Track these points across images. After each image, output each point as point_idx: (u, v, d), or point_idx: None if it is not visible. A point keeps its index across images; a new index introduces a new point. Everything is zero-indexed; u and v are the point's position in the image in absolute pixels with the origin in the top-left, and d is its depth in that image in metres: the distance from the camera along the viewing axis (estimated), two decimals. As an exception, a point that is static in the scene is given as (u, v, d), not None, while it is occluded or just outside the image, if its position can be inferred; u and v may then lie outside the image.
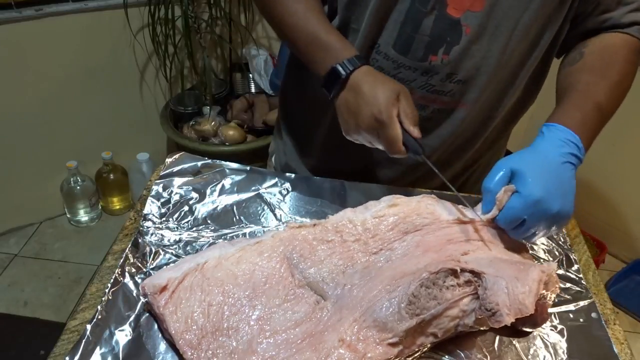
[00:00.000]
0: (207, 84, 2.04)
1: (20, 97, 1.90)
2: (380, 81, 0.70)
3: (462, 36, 0.75)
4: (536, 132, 0.74)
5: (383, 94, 0.68)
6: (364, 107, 0.69)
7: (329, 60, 0.72)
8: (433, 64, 0.77)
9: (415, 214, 0.72)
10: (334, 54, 0.72)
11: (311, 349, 0.58)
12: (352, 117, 0.71)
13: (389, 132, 0.68)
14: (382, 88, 0.69)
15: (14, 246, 2.08)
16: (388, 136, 0.68)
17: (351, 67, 0.71)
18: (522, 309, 0.58)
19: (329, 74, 0.72)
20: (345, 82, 0.71)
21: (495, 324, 0.59)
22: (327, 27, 0.75)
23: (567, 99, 0.76)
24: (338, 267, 0.66)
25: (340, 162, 0.94)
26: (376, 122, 0.68)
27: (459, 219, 0.71)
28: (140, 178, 2.13)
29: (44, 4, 1.79)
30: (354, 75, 0.71)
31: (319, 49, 0.73)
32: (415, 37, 0.75)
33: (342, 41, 0.74)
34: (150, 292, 0.62)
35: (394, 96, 0.69)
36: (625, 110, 0.83)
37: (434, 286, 0.61)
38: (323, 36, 0.73)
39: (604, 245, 2.11)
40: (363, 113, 0.69)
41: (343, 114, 0.73)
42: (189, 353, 0.57)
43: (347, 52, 0.72)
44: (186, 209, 0.80)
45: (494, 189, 0.67)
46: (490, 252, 0.68)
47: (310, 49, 0.75)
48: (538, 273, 0.61)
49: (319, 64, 0.73)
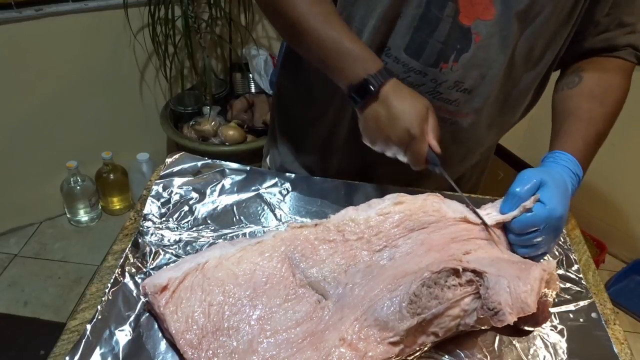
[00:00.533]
0: (207, 84, 2.04)
1: (20, 97, 1.90)
2: (410, 95, 0.72)
3: (471, 44, 0.75)
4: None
5: (415, 109, 0.70)
6: (396, 120, 0.70)
7: (357, 71, 0.71)
8: (443, 71, 0.78)
9: (421, 211, 0.71)
10: (361, 64, 0.71)
11: (312, 348, 0.58)
12: (382, 129, 0.72)
13: (418, 146, 0.70)
14: (414, 103, 0.71)
15: (14, 246, 2.08)
16: (416, 150, 0.71)
17: (382, 79, 0.71)
18: (525, 307, 0.58)
19: (359, 85, 0.71)
20: (375, 94, 0.71)
21: (498, 323, 0.59)
22: (350, 34, 0.73)
23: (572, 126, 0.79)
24: (340, 266, 0.66)
25: (340, 161, 0.94)
26: (408, 136, 0.70)
27: (465, 218, 0.71)
28: (140, 178, 2.13)
29: (44, 4, 1.79)
30: (385, 88, 0.71)
31: (344, 57, 0.72)
32: (429, 42, 0.76)
33: (368, 50, 0.73)
34: (150, 291, 0.62)
35: (425, 111, 0.71)
36: (625, 110, 0.83)
37: (435, 285, 0.61)
38: (347, 44, 0.72)
39: (604, 245, 2.11)
40: (395, 126, 0.70)
41: (371, 125, 0.73)
42: (189, 353, 0.57)
43: (375, 63, 0.72)
44: (186, 209, 0.80)
45: (523, 195, 0.70)
46: (492, 252, 0.68)
47: (332, 56, 0.73)
48: (539, 271, 0.61)
49: (344, 72, 0.72)
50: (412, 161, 0.72)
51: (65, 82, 1.95)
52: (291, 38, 0.80)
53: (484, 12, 0.73)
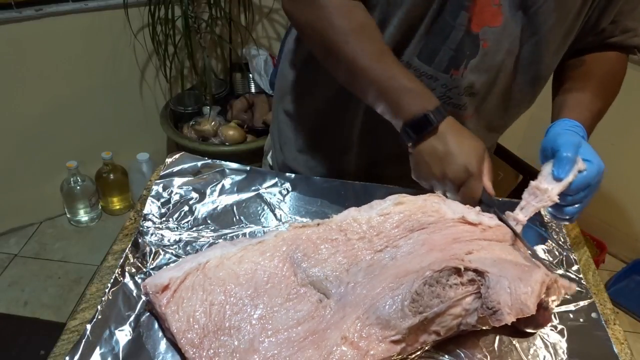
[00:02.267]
0: (207, 84, 2.04)
1: (20, 97, 1.90)
2: (469, 134, 0.74)
3: (479, 50, 0.77)
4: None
5: (475, 148, 0.72)
6: (454, 157, 0.71)
7: (417, 107, 0.72)
8: (454, 78, 0.79)
9: (421, 212, 0.72)
10: (420, 101, 0.73)
11: (313, 347, 0.58)
12: (439, 163, 0.73)
13: (475, 184, 0.72)
14: (473, 142, 0.73)
15: (14, 246, 2.08)
16: (473, 188, 0.72)
17: (441, 116, 0.72)
18: (524, 309, 0.58)
19: (418, 120, 0.72)
20: (434, 130, 0.72)
21: (496, 322, 0.59)
22: (407, 72, 0.75)
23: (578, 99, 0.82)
24: (342, 266, 0.66)
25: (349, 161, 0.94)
26: (466, 172, 0.71)
27: (463, 218, 0.71)
28: (140, 178, 2.13)
29: (44, 4, 1.79)
30: (443, 124, 0.72)
31: (403, 94, 0.73)
32: (442, 48, 0.77)
33: (426, 88, 0.75)
34: (152, 291, 0.62)
35: (483, 152, 0.73)
36: (625, 110, 0.84)
37: (437, 284, 0.61)
38: (405, 82, 0.73)
39: (604, 245, 2.11)
40: (453, 163, 0.71)
41: (427, 160, 0.74)
42: (190, 352, 0.57)
43: (433, 100, 0.73)
44: (186, 209, 0.80)
45: (574, 157, 0.72)
46: (494, 252, 0.68)
47: (391, 93, 0.74)
48: (542, 275, 0.61)
49: (402, 108, 0.73)
50: (466, 200, 0.73)
51: (65, 82, 1.95)
52: (342, 77, 0.80)
53: (492, 19, 0.75)
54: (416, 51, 0.78)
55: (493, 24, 0.75)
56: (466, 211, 0.73)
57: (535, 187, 0.73)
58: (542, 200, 0.73)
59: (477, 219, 0.72)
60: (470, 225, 0.71)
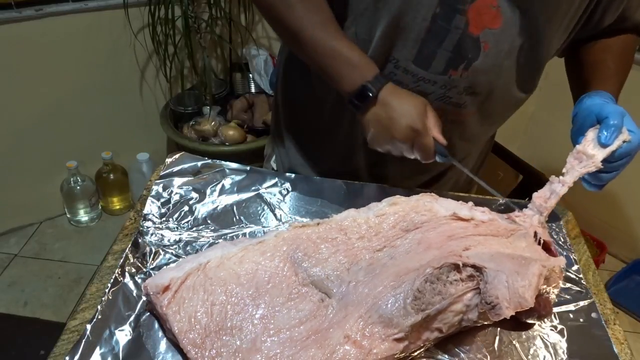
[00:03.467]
0: (207, 84, 2.04)
1: (20, 97, 1.90)
2: (407, 95, 0.76)
3: (480, 52, 0.77)
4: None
5: (415, 107, 0.74)
6: (398, 119, 0.73)
7: (356, 78, 0.74)
8: (453, 78, 0.80)
9: (413, 211, 0.73)
10: (359, 72, 0.75)
11: (316, 346, 0.58)
12: (385, 129, 0.75)
13: (424, 139, 0.74)
14: (412, 101, 0.75)
15: (14, 246, 2.08)
16: (423, 143, 0.74)
17: (379, 84, 0.74)
18: (522, 302, 0.59)
19: (359, 92, 0.74)
20: (374, 99, 0.74)
21: (495, 317, 0.60)
22: (348, 42, 0.76)
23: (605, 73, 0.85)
24: (342, 265, 0.66)
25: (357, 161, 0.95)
26: (412, 131, 0.73)
27: (455, 215, 0.72)
28: (140, 178, 2.13)
29: (44, 4, 1.79)
30: (383, 92, 0.74)
31: (343, 65, 0.75)
32: (438, 51, 0.78)
33: (365, 57, 0.76)
34: (152, 292, 0.62)
35: (424, 108, 0.75)
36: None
37: (438, 281, 0.61)
38: (346, 52, 0.75)
39: (604, 245, 2.11)
40: (398, 124, 0.73)
41: (374, 127, 0.76)
42: (192, 352, 0.57)
43: (371, 69, 0.75)
44: (186, 209, 0.80)
45: (620, 125, 0.74)
46: (491, 247, 0.68)
47: (332, 64, 0.76)
48: (538, 267, 0.61)
49: (343, 79, 0.75)
50: (421, 155, 0.76)
51: (65, 82, 1.95)
52: (292, 47, 0.82)
53: (492, 21, 0.75)
54: (411, 57, 0.79)
55: (493, 25, 0.76)
56: (458, 207, 0.73)
57: (582, 152, 0.76)
58: (587, 166, 0.75)
59: (469, 214, 0.72)
60: (463, 222, 0.72)
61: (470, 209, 0.74)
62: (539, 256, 0.68)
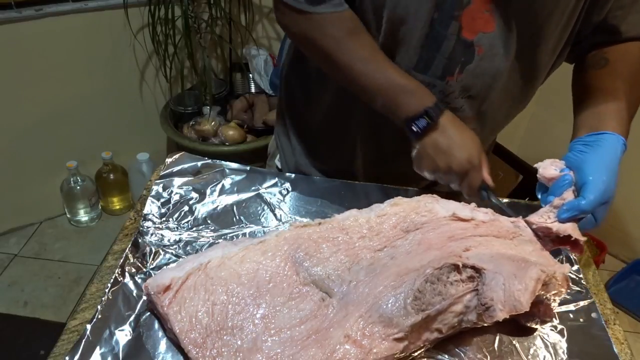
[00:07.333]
0: (207, 84, 2.04)
1: (20, 97, 1.90)
2: (465, 127, 0.77)
3: (474, 56, 0.78)
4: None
5: (474, 141, 0.76)
6: (458, 150, 0.75)
7: (415, 104, 0.75)
8: (450, 83, 0.80)
9: (414, 212, 0.73)
10: (418, 98, 0.76)
11: (316, 346, 0.58)
12: (443, 157, 0.76)
13: (477, 175, 0.76)
14: (471, 135, 0.76)
15: (14, 246, 2.08)
16: (474, 179, 0.76)
17: (439, 111, 0.75)
18: (517, 305, 0.58)
19: (419, 117, 0.75)
20: (435, 125, 0.75)
21: (488, 319, 0.60)
22: (400, 71, 0.77)
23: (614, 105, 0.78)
24: (343, 264, 0.67)
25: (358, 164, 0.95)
26: (469, 164, 0.75)
27: (455, 215, 0.72)
28: (140, 178, 2.13)
29: (44, 4, 1.79)
30: (443, 118, 0.75)
31: (400, 94, 0.76)
32: (436, 57, 0.78)
33: (421, 85, 0.77)
34: (153, 291, 0.62)
35: (480, 145, 0.77)
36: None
37: (438, 282, 0.61)
38: (400, 80, 0.76)
39: (604, 245, 2.11)
40: (458, 155, 0.75)
41: (431, 153, 0.76)
42: (194, 352, 0.57)
43: (430, 96, 0.76)
44: (186, 209, 0.80)
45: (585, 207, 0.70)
46: (493, 248, 0.68)
47: (387, 94, 0.77)
48: (537, 272, 0.61)
49: (401, 107, 0.76)
50: (468, 189, 0.77)
51: (65, 82, 1.95)
52: (342, 81, 0.82)
53: (485, 25, 0.76)
54: (412, 63, 0.79)
55: (487, 29, 0.76)
56: (459, 208, 0.73)
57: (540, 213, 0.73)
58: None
59: (470, 214, 0.72)
60: (463, 222, 0.72)
61: (472, 209, 0.74)
62: (543, 261, 0.67)
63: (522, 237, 0.72)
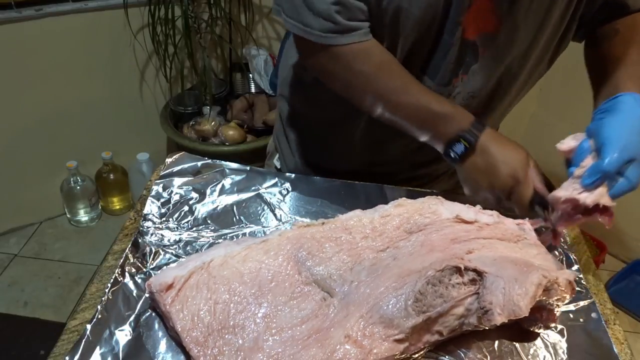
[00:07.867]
0: (207, 84, 2.04)
1: (20, 97, 1.90)
2: (508, 142, 0.74)
3: (478, 56, 0.78)
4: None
5: (517, 154, 0.73)
6: (498, 167, 0.72)
7: (453, 130, 0.74)
8: (455, 85, 0.80)
9: (418, 214, 0.72)
10: (455, 123, 0.74)
11: (317, 346, 0.58)
12: (485, 177, 0.74)
13: (524, 189, 0.72)
14: (513, 149, 0.73)
15: (14, 246, 2.08)
16: (522, 193, 0.72)
17: (477, 132, 0.73)
18: (516, 310, 0.58)
19: (456, 143, 0.74)
20: (472, 149, 0.73)
21: (487, 322, 0.59)
22: (435, 96, 0.76)
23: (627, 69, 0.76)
24: (346, 264, 0.66)
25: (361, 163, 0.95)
26: (512, 180, 0.72)
27: (458, 217, 0.72)
28: (140, 178, 2.13)
29: (44, 4, 1.79)
30: (481, 139, 0.73)
31: (437, 121, 0.74)
32: (443, 64, 0.78)
33: (457, 107, 0.76)
34: (156, 290, 0.62)
35: (526, 156, 0.73)
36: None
37: (440, 284, 0.61)
38: (436, 107, 0.74)
39: (604, 245, 2.11)
40: (499, 173, 0.72)
41: (473, 176, 0.75)
42: (195, 350, 0.57)
43: (467, 117, 0.74)
44: (186, 209, 0.80)
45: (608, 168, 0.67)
46: (497, 251, 0.68)
47: (424, 123, 0.75)
48: (538, 277, 0.60)
49: (439, 135, 0.75)
50: (519, 203, 0.74)
51: (65, 82, 1.96)
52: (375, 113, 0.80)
53: (486, 25, 0.75)
54: (421, 74, 0.79)
55: (489, 30, 0.76)
56: (463, 210, 0.73)
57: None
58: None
59: (473, 217, 0.72)
60: (466, 224, 0.72)
61: (477, 212, 0.73)
62: (547, 265, 0.67)
63: (526, 240, 0.71)
